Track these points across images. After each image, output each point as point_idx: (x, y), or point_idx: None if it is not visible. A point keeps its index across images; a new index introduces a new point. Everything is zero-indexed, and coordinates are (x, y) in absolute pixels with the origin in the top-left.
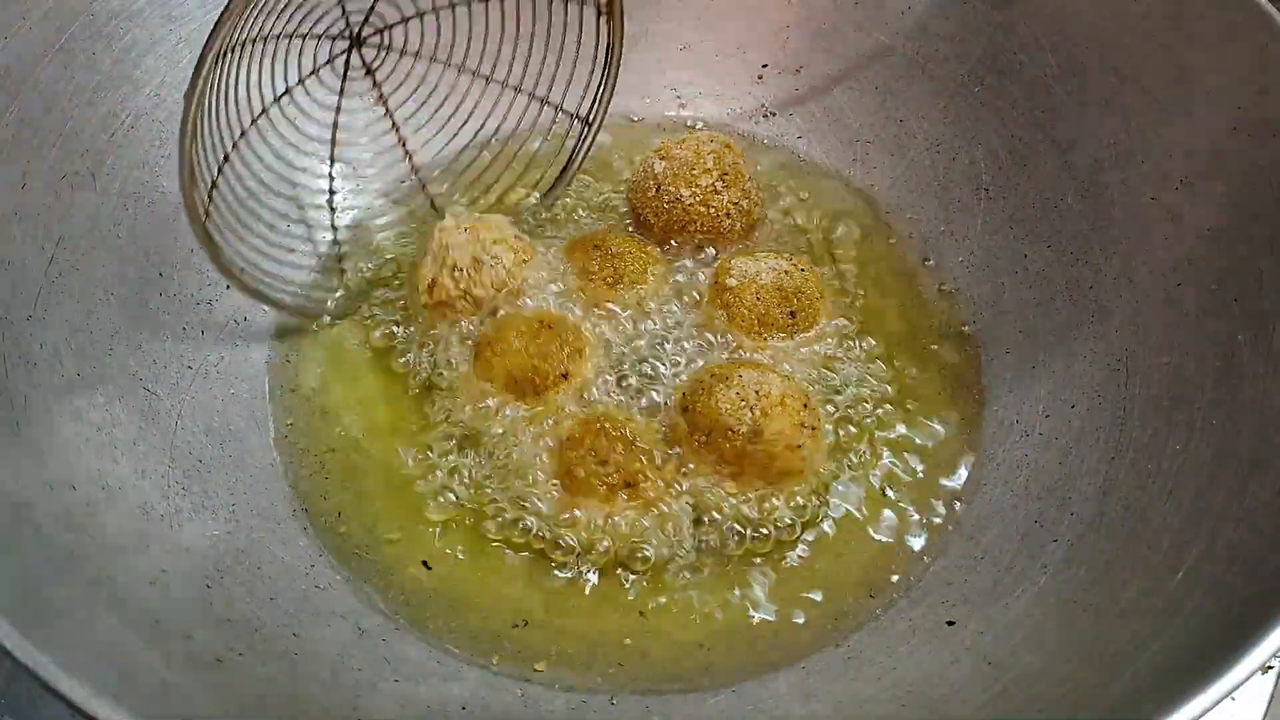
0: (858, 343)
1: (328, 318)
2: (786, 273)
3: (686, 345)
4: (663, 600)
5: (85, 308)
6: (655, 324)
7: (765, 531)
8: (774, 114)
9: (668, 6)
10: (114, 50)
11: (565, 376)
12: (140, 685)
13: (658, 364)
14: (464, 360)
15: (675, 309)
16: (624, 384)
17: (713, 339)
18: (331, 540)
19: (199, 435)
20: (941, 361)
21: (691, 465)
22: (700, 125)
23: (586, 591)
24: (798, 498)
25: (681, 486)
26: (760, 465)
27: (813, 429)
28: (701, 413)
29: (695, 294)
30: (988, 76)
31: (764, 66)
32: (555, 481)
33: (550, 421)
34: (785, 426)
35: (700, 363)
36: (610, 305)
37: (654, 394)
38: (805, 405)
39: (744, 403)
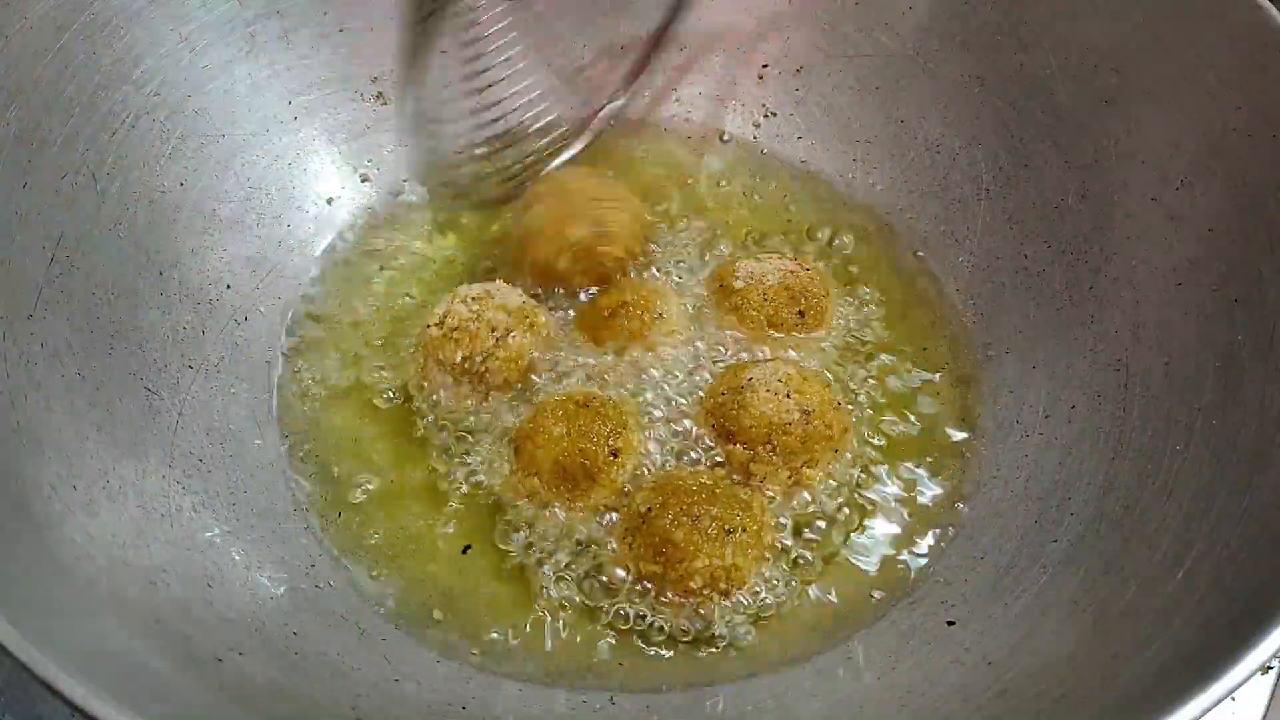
0: (859, 344)
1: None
2: (792, 272)
3: (707, 355)
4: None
5: (85, 308)
6: (675, 354)
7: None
8: (774, 114)
9: None
10: (114, 50)
11: (615, 455)
12: (140, 685)
13: (685, 395)
14: (505, 462)
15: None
16: (668, 443)
17: (725, 348)
18: (332, 540)
19: (199, 435)
20: (941, 361)
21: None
22: (700, 126)
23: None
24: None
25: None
26: (822, 438)
27: (826, 386)
28: (752, 427)
29: (693, 305)
30: (988, 76)
31: (764, 66)
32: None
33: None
34: (818, 390)
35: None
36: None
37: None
38: (804, 376)
39: (777, 395)
